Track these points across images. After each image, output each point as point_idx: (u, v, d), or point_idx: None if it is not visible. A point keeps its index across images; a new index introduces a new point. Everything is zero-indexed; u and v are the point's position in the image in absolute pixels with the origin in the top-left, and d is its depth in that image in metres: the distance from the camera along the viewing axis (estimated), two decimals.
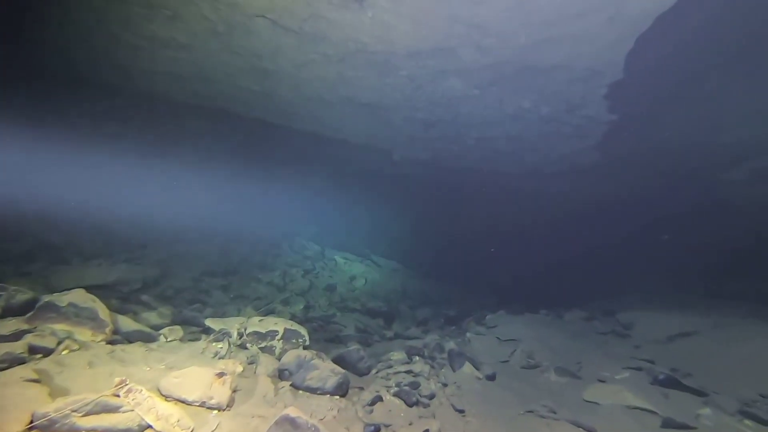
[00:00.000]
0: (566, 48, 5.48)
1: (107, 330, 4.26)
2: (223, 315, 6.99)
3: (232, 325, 4.82)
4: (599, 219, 11.27)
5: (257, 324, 4.91)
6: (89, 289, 6.17)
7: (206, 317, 6.32)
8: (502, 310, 8.15)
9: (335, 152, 12.16)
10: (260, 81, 7.93)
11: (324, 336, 7.20)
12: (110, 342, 4.29)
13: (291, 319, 7.68)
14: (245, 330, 4.73)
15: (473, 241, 14.36)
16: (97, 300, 4.38)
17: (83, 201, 8.89)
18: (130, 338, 4.54)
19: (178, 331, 4.92)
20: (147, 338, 4.64)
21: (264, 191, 12.92)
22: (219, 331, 4.63)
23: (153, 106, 9.23)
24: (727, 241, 8.33)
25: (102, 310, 4.32)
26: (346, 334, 7.07)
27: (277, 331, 4.88)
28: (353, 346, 5.27)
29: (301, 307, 8.15)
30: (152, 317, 5.18)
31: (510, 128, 8.29)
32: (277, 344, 4.74)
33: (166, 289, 7.64)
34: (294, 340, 4.87)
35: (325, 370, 4.31)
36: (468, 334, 7.21)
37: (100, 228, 9.32)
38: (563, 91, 6.56)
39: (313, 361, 4.34)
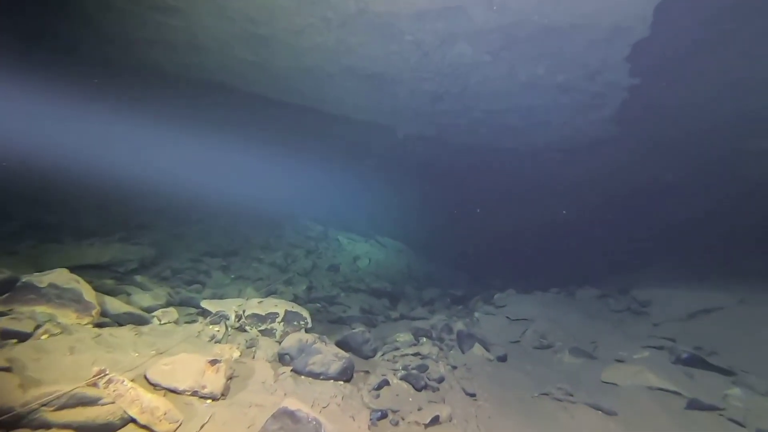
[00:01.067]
0: (591, 1, 4.91)
1: (94, 312, 3.90)
2: (222, 296, 6.64)
3: (230, 307, 4.47)
4: (613, 195, 10.77)
5: (257, 306, 4.55)
6: (82, 269, 5.85)
7: (204, 299, 6.00)
8: (511, 288, 7.77)
9: (338, 130, 11.63)
10: (256, 50, 7.39)
11: (327, 317, 6.87)
12: (97, 325, 3.93)
13: (293, 301, 7.37)
14: (244, 312, 4.37)
15: (480, 222, 13.92)
16: (80, 280, 4.00)
17: (78, 178, 8.50)
18: (119, 321, 4.19)
19: (173, 313, 4.57)
20: (138, 321, 4.29)
21: (265, 170, 12.49)
22: (216, 314, 4.27)
23: (144, 78, 8.70)
24: (751, 216, 7.84)
25: (87, 291, 3.95)
26: (350, 315, 6.74)
27: (277, 314, 4.52)
28: (358, 329, 4.93)
29: (304, 287, 7.80)
30: (145, 299, 4.82)
31: (521, 100, 7.74)
32: (278, 327, 4.39)
33: (164, 269, 7.30)
34: (295, 323, 4.52)
35: (328, 354, 3.96)
36: (476, 314, 6.87)
37: (96, 206, 8.95)
38: (582, 54, 6.00)
39: (315, 345, 3.99)
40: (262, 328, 4.38)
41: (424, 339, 5.42)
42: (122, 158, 9.45)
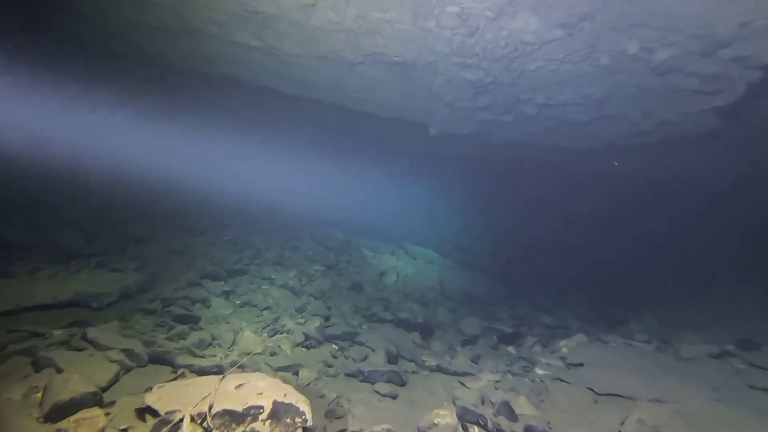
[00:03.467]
0: None
1: None
2: (213, 341, 5.22)
3: (193, 398, 2.98)
4: (695, 203, 8.67)
5: (232, 395, 3.04)
6: (30, 312, 4.57)
7: (184, 350, 4.56)
8: (580, 333, 5.96)
9: (360, 128, 10.00)
10: (259, 33, 5.83)
11: (344, 366, 5.32)
12: None
13: (304, 342, 5.88)
14: (210, 409, 2.88)
15: (521, 228, 12.01)
16: None
17: (65, 183, 7.29)
18: None
19: (126, 406, 3.08)
20: None
21: (281, 172, 11.06)
22: (165, 416, 2.79)
23: (140, 69, 7.33)
24: None
25: None
26: (373, 369, 5.15)
27: (262, 407, 2.99)
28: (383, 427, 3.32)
29: (318, 324, 6.27)
30: (90, 369, 3.39)
31: (594, 88, 5.87)
32: (262, 429, 2.87)
33: (152, 300, 5.95)
34: (288, 419, 2.99)
35: None
36: (538, 371, 5.14)
37: (85, 218, 7.74)
38: (702, 19, 4.10)
39: None
40: None
41: (476, 429, 3.75)
42: (118, 161, 8.18)
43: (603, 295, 9.88)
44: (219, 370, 4.15)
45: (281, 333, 5.87)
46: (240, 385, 3.19)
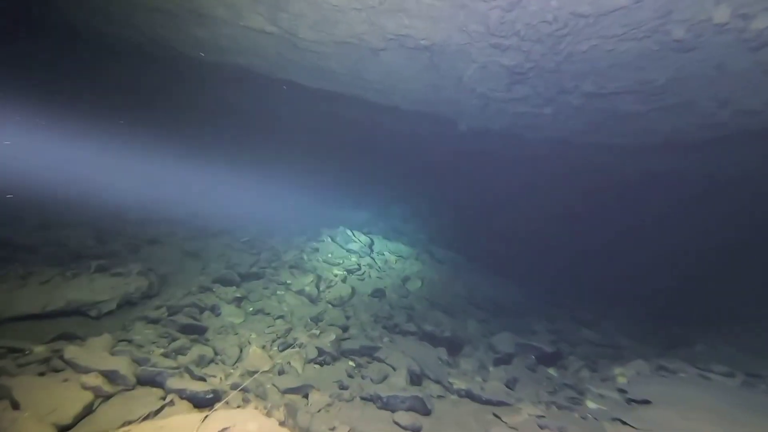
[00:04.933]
0: None
1: None
2: (215, 357, 4.64)
3: None
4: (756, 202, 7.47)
5: None
6: (16, 322, 4.10)
7: (177, 370, 3.96)
8: (636, 356, 5.01)
9: (385, 123, 9.29)
10: (273, 16, 5.19)
11: (360, 389, 4.62)
12: None
13: (317, 358, 5.23)
14: None
15: (555, 231, 10.96)
16: None
17: (76, 185, 6.96)
18: None
19: None
20: None
21: (303, 172, 10.50)
22: None
23: (146, 60, 6.88)
24: None
25: None
26: (392, 387, 4.42)
27: None
28: None
29: (333, 337, 5.59)
30: (55, 401, 2.82)
31: (658, 71, 4.89)
32: None
33: (158, 307, 5.45)
34: None
35: None
36: (590, 405, 4.28)
37: (99, 218, 7.38)
38: None
39: None
40: None
41: None
42: (133, 160, 7.80)
43: (651, 308, 8.76)
44: (214, 396, 3.52)
45: (292, 347, 5.24)
46: (225, 430, 2.53)
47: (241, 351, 4.77)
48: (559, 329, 7.54)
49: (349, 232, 10.63)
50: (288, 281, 7.38)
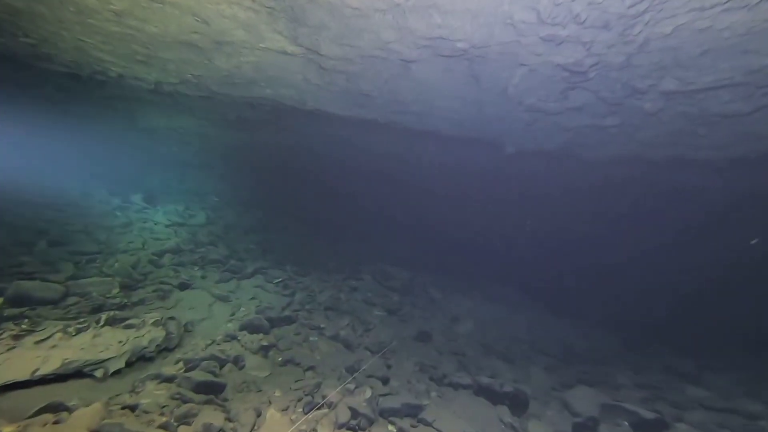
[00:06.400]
0: None
1: None
2: (219, 430, 3.78)
3: None
4: None
5: None
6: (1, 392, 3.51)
7: None
8: None
9: (418, 148, 8.52)
10: (293, 33, 4.70)
11: None
12: None
13: (349, 421, 4.22)
14: None
15: (631, 270, 9.34)
16: None
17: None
18: None
19: None
20: None
21: (337, 207, 9.91)
22: None
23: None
24: None
25: None
26: None
27: None
28: None
29: (369, 393, 4.56)
30: None
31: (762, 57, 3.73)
32: None
33: (175, 362, 4.76)
34: None
35: None
36: None
37: (128, 264, 7.05)
38: None
39: None
40: None
41: None
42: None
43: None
44: None
45: (319, 408, 4.28)
46: None
47: (257, 417, 3.88)
48: (652, 384, 5.95)
49: (389, 268, 9.72)
50: (322, 325, 6.51)
